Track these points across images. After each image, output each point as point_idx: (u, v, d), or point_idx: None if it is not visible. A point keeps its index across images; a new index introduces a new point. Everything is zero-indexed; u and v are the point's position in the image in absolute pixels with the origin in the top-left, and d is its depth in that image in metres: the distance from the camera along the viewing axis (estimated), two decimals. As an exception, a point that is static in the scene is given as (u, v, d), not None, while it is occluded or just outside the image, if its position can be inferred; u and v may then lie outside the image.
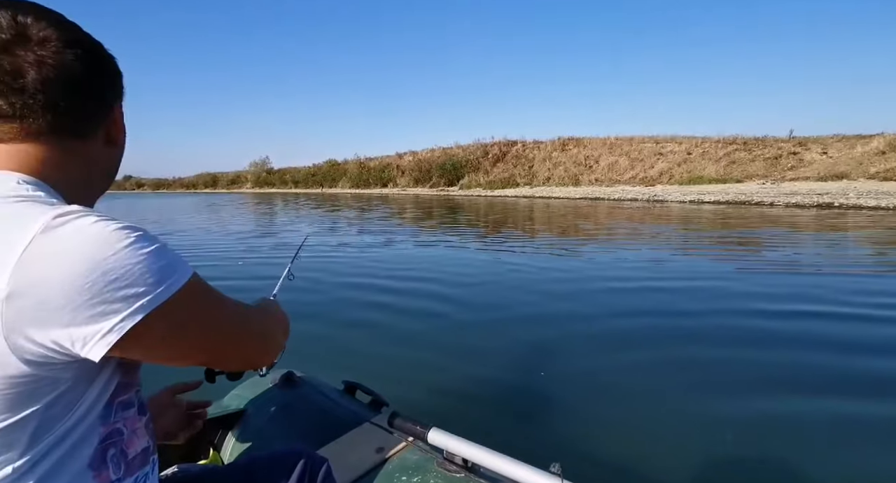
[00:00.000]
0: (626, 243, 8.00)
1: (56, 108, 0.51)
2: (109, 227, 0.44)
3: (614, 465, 1.69)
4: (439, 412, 2.09)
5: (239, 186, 72.32)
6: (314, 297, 4.48)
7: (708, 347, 2.89)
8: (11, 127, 0.50)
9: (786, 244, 7.40)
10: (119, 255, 0.43)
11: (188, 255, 6.28)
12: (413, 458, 1.02)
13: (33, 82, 0.49)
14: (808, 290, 4.33)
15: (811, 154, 27.00)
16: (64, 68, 0.50)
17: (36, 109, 0.50)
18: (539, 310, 3.87)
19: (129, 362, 0.53)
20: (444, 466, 0.97)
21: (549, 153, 39.59)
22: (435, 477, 0.95)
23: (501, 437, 1.52)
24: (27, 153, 0.51)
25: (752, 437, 1.90)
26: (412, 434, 1.05)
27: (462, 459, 0.96)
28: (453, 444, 0.96)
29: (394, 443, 1.06)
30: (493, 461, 0.89)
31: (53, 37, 0.50)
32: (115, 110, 0.59)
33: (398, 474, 0.97)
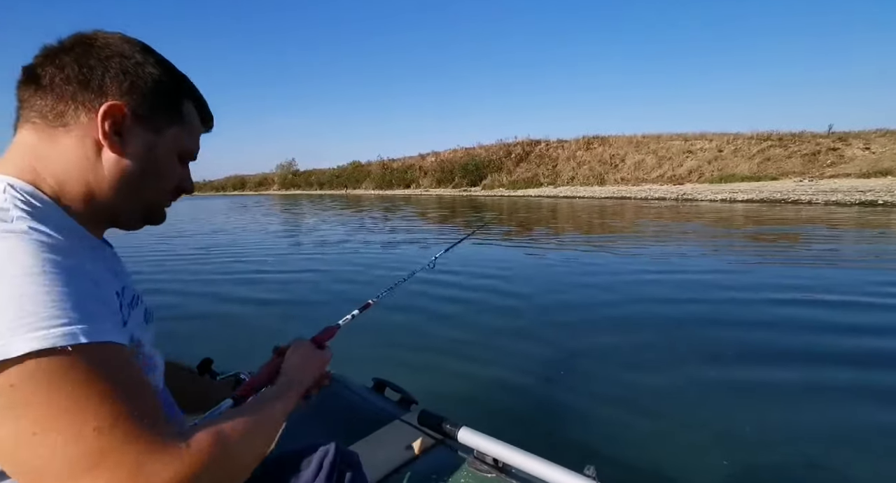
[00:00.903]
0: (661, 242, 7.79)
1: (41, 83, 0.54)
2: (14, 248, 0.41)
3: (649, 470, 1.64)
4: (467, 411, 2.06)
5: (266, 188, 74.18)
6: (340, 293, 4.55)
7: (752, 355, 2.76)
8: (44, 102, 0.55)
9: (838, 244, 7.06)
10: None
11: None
12: (443, 456, 1.01)
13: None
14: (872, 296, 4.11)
15: (852, 150, 25.70)
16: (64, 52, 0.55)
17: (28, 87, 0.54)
18: (571, 311, 3.80)
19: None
20: (474, 466, 0.96)
21: (573, 152, 39.03)
22: (466, 477, 0.94)
23: (530, 438, 1.49)
24: (23, 142, 0.55)
25: (798, 446, 1.81)
26: (442, 432, 1.05)
27: (493, 459, 0.94)
28: (484, 443, 0.95)
29: (424, 441, 1.05)
30: (525, 462, 0.88)
31: (104, 38, 0.56)
32: (103, 107, 0.54)
33: (428, 472, 0.97)
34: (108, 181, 0.57)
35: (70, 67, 0.54)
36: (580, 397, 2.26)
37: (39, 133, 0.55)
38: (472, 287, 4.63)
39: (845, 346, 2.84)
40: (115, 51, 0.56)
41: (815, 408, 2.10)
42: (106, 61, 0.55)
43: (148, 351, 0.62)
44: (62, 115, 0.54)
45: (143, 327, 0.63)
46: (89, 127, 0.55)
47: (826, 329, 3.15)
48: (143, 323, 0.64)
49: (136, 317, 0.62)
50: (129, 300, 0.60)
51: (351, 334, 3.46)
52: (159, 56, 0.60)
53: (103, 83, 0.55)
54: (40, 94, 0.54)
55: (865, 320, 3.36)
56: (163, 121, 0.59)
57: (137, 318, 0.62)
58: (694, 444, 1.83)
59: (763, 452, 1.76)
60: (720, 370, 2.52)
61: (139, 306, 0.66)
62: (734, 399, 2.21)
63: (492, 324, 3.42)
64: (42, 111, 0.54)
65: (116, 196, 0.58)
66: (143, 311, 0.67)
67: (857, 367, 2.51)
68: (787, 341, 2.94)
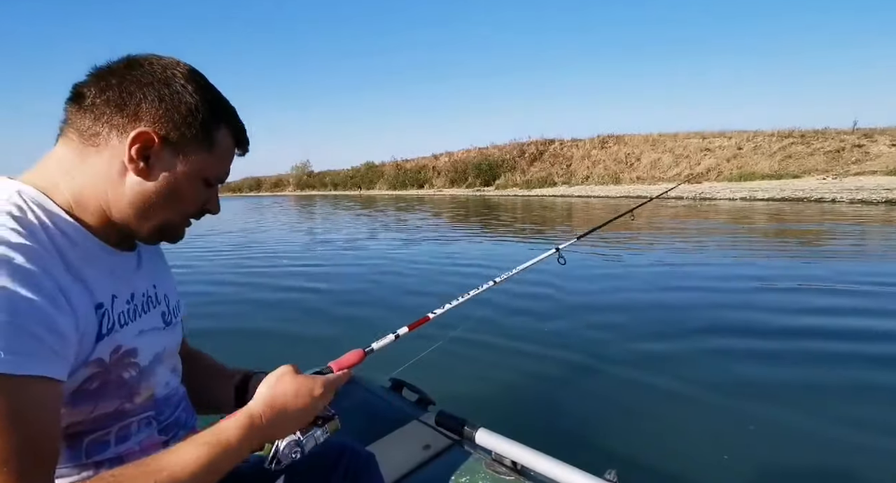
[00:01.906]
0: (687, 244, 7.66)
1: (83, 103, 0.56)
2: None
3: (671, 475, 1.60)
4: (485, 412, 2.03)
5: (281, 189, 75.09)
6: (360, 294, 4.58)
7: (774, 362, 2.68)
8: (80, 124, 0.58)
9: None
10: None
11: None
12: (461, 457, 1.01)
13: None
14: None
15: (878, 146, 24.87)
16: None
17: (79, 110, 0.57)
18: (590, 313, 3.75)
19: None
20: (492, 468, 0.95)
21: (587, 151, 38.61)
22: (483, 478, 0.94)
23: (550, 441, 1.48)
24: (55, 156, 0.59)
25: (823, 454, 1.76)
26: (460, 433, 1.04)
27: (511, 461, 0.94)
28: (502, 445, 0.94)
29: (441, 441, 1.05)
30: (543, 465, 0.87)
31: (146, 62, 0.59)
32: (134, 132, 0.56)
33: (445, 473, 0.97)
34: (126, 201, 0.58)
35: (111, 91, 0.56)
36: (602, 401, 2.22)
37: (72, 149, 0.58)
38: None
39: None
40: (157, 77, 0.57)
41: (860, 421, 2.01)
42: (145, 87, 0.57)
43: (146, 358, 0.61)
44: (96, 136, 0.57)
45: (150, 334, 0.63)
46: (119, 149, 0.57)
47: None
48: (154, 328, 0.64)
49: (142, 323, 0.62)
50: (133, 307, 0.61)
51: (365, 332, 3.46)
52: (204, 81, 0.61)
53: (139, 109, 0.57)
54: (81, 114, 0.57)
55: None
56: (192, 147, 0.60)
57: (143, 325, 0.62)
58: (720, 451, 1.78)
59: (796, 456, 1.72)
60: (749, 372, 2.45)
61: (153, 310, 0.66)
62: (766, 403, 2.15)
63: (510, 326, 3.40)
64: (80, 129, 0.57)
65: (133, 215, 0.60)
66: (159, 314, 0.67)
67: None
68: (827, 347, 2.85)
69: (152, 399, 0.63)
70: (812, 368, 2.53)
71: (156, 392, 0.64)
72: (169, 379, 0.68)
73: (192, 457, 0.50)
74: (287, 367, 0.64)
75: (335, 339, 3.19)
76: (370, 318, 3.68)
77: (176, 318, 0.72)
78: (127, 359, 0.58)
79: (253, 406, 0.59)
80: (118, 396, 0.58)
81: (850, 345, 2.81)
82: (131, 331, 0.59)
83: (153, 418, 0.64)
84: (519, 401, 2.23)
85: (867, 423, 1.93)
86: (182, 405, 0.71)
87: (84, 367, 0.53)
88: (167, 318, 0.69)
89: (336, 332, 3.39)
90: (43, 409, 0.45)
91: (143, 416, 0.62)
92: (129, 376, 0.59)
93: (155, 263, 0.72)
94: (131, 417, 0.61)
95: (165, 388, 0.66)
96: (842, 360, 2.63)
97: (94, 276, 0.55)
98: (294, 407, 0.60)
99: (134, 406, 0.60)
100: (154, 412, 0.64)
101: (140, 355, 0.60)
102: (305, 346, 3.12)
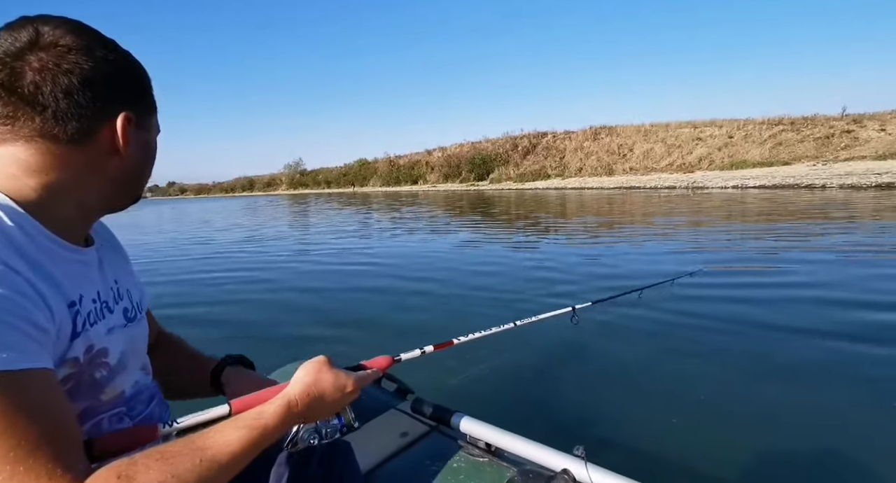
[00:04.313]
0: (655, 231, 7.72)
1: (46, 112, 0.51)
2: None
3: (637, 448, 1.69)
4: (464, 399, 2.10)
5: (274, 189, 74.83)
6: (342, 290, 4.59)
7: (732, 338, 2.78)
8: (4, 128, 0.51)
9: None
10: None
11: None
12: (437, 442, 1.02)
13: (29, 85, 0.50)
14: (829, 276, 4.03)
15: (867, 131, 25.09)
16: (63, 72, 0.51)
17: (28, 112, 0.50)
18: (561, 298, 3.77)
19: None
20: (467, 451, 0.96)
21: (580, 143, 38.70)
22: (458, 461, 0.94)
23: (525, 423, 1.52)
24: (13, 156, 0.52)
25: (784, 428, 1.85)
26: (436, 419, 1.05)
27: (485, 443, 0.95)
28: (476, 428, 0.95)
29: (418, 428, 1.06)
30: (516, 445, 0.88)
31: (62, 42, 0.51)
32: (119, 118, 0.55)
33: (422, 458, 0.97)
34: (110, 183, 0.58)
35: (59, 82, 0.51)
36: (572, 385, 2.29)
37: (36, 147, 0.52)
38: (467, 282, 4.62)
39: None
40: (99, 57, 0.54)
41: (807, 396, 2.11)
42: (98, 72, 0.53)
43: (114, 357, 0.60)
44: (63, 131, 0.52)
45: (117, 331, 0.62)
46: (98, 140, 0.55)
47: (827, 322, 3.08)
48: (117, 327, 0.63)
49: (110, 321, 0.61)
50: (100, 305, 0.60)
51: (348, 325, 3.44)
52: (116, 46, 0.58)
53: (106, 96, 0.54)
54: (38, 113, 0.51)
55: None
56: (148, 114, 0.61)
57: (109, 323, 0.61)
58: (680, 426, 1.87)
59: (752, 438, 1.78)
60: (715, 360, 2.52)
61: (116, 307, 0.64)
62: (726, 383, 2.24)
63: (487, 317, 3.41)
64: (42, 131, 0.52)
65: (115, 194, 0.60)
66: (121, 310, 0.66)
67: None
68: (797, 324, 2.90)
69: (121, 396, 0.62)
70: (755, 345, 2.64)
71: (125, 390, 0.63)
72: (138, 377, 0.67)
73: (234, 438, 0.51)
74: (323, 358, 0.66)
75: (361, 339, 3.15)
76: (397, 322, 3.54)
77: (140, 314, 0.71)
78: (99, 358, 0.57)
79: (291, 392, 0.60)
80: (88, 396, 0.57)
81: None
82: (101, 329, 0.58)
83: (125, 414, 0.63)
84: (495, 386, 2.29)
85: (805, 392, 2.08)
86: (155, 400, 0.71)
87: (61, 366, 0.52)
88: (130, 313, 0.68)
89: (361, 332, 3.32)
90: (53, 394, 0.46)
91: (113, 412, 0.61)
92: (101, 376, 0.58)
93: (114, 258, 0.71)
94: (101, 414, 0.60)
95: (135, 386, 0.66)
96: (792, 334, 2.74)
97: (62, 275, 0.53)
98: (328, 398, 0.63)
99: (101, 403, 0.59)
100: (125, 408, 0.63)
101: (110, 354, 0.59)
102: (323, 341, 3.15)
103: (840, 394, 2.07)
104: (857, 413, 1.92)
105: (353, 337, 3.18)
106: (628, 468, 0.75)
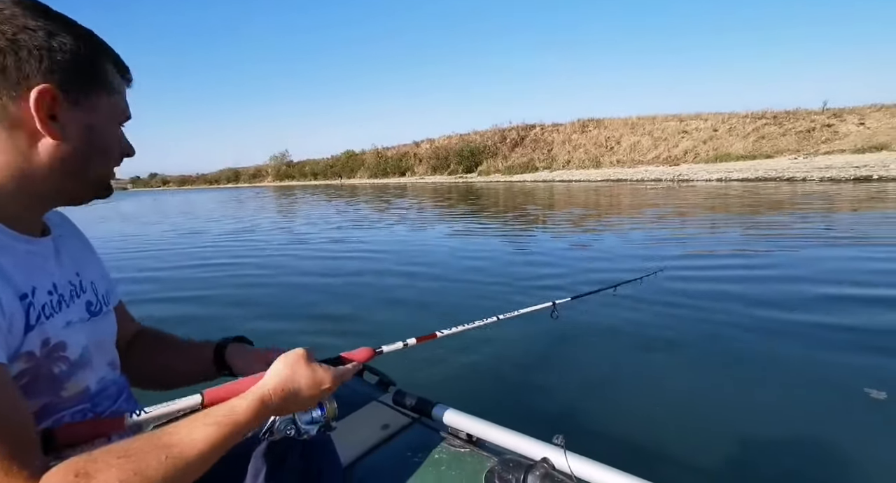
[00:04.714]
0: (639, 224, 7.81)
1: None
2: None
3: (614, 436, 1.73)
4: (446, 391, 2.10)
5: (260, 180, 73.75)
6: (326, 281, 4.55)
7: (704, 330, 2.84)
8: None
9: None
10: None
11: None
12: (418, 434, 1.01)
13: None
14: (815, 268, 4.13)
15: (847, 125, 25.66)
16: None
17: None
18: (540, 291, 3.79)
19: None
20: (449, 442, 0.96)
21: (568, 135, 38.86)
22: (439, 452, 0.94)
23: (506, 414, 1.52)
24: None
25: (756, 413, 1.90)
26: (418, 411, 1.05)
27: (466, 434, 0.95)
28: (457, 419, 0.95)
29: (400, 420, 1.06)
30: (496, 435, 0.88)
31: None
32: (33, 93, 0.50)
33: (404, 450, 0.97)
34: (48, 169, 0.53)
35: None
36: (552, 376, 2.32)
37: None
38: (450, 275, 4.63)
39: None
40: (17, 25, 0.50)
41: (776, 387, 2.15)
42: (14, 41, 0.49)
43: (75, 351, 0.58)
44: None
45: (77, 325, 0.59)
46: (18, 117, 0.51)
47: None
48: (79, 321, 0.60)
49: (68, 314, 0.58)
50: (56, 298, 0.57)
51: (328, 318, 3.41)
52: (58, 14, 0.54)
53: (21, 67, 0.49)
54: None
55: None
56: (93, 93, 0.55)
57: (69, 316, 0.58)
58: (658, 414, 1.92)
59: (727, 426, 1.83)
60: (691, 349, 2.57)
61: (78, 300, 0.62)
62: (699, 371, 2.30)
63: (468, 309, 3.41)
64: None
65: (61, 181, 0.55)
66: (83, 304, 0.63)
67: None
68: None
69: (86, 393, 0.60)
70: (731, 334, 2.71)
71: (90, 386, 0.61)
72: (105, 373, 0.64)
73: (202, 435, 0.49)
74: (301, 351, 0.64)
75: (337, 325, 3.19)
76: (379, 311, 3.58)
77: (106, 307, 0.68)
78: (57, 352, 0.55)
79: (265, 386, 0.59)
80: (48, 392, 0.54)
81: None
82: (58, 323, 0.55)
83: (89, 411, 0.61)
84: (478, 379, 2.30)
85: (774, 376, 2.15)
86: (123, 396, 0.68)
87: (16, 361, 0.49)
88: (94, 307, 0.65)
89: (339, 322, 3.34)
90: (5, 390, 0.44)
91: (76, 408, 0.59)
92: (60, 371, 0.55)
93: (77, 250, 0.68)
94: (63, 411, 0.57)
95: (100, 382, 0.63)
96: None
97: (12, 267, 0.51)
98: (303, 394, 0.61)
99: (62, 400, 0.56)
100: (89, 405, 0.60)
101: (69, 349, 0.57)
102: (311, 331, 3.14)
103: (809, 381, 2.13)
104: (825, 398, 1.98)
105: (334, 328, 3.17)
106: (606, 455, 0.76)
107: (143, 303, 3.94)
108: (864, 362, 2.25)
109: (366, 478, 0.92)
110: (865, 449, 1.63)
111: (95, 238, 0.84)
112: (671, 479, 0.60)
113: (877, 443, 1.67)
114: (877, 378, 2.04)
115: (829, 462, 1.60)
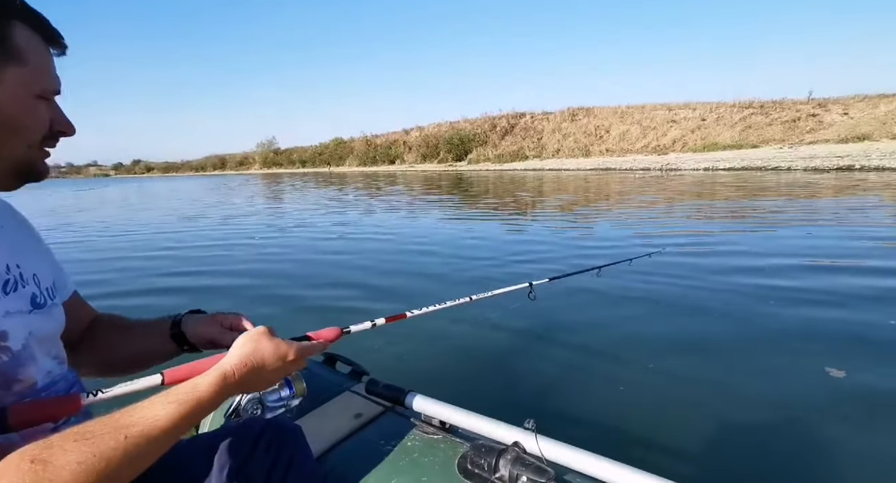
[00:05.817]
0: (607, 212, 7.86)
1: None
2: None
3: (586, 419, 1.75)
4: (420, 378, 2.12)
5: (247, 168, 72.66)
6: (305, 265, 4.51)
7: (681, 313, 2.87)
8: None
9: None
10: None
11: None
12: (392, 422, 1.00)
13: None
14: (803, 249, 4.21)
15: (831, 115, 26.02)
16: None
17: None
18: (514, 280, 3.78)
19: None
20: (421, 429, 0.95)
21: (558, 124, 38.81)
22: (412, 439, 0.93)
23: (479, 399, 1.53)
24: None
25: (729, 394, 1.93)
26: (390, 400, 1.03)
27: (439, 421, 0.94)
28: (430, 406, 0.94)
29: (372, 409, 1.04)
30: (468, 421, 0.88)
31: None
32: None
33: (377, 439, 0.96)
34: None
35: None
36: (524, 363, 2.33)
37: None
38: (426, 262, 4.62)
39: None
40: None
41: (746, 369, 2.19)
42: None
43: (16, 342, 0.55)
44: None
45: (17, 316, 0.56)
46: None
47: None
48: (18, 312, 0.57)
49: (7, 304, 0.55)
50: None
51: (301, 309, 3.35)
52: None
53: None
54: None
55: None
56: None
57: (6, 306, 0.55)
58: (627, 398, 1.93)
59: (699, 411, 1.85)
60: (656, 327, 2.62)
61: (19, 291, 0.58)
62: (672, 354, 2.31)
63: (440, 296, 3.38)
64: None
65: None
66: (28, 296, 0.60)
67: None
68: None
69: (33, 387, 0.57)
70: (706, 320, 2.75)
71: (37, 380, 0.58)
72: (51, 368, 0.62)
73: (164, 412, 0.48)
74: (263, 328, 0.63)
75: (305, 311, 3.17)
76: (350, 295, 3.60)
77: (52, 301, 0.65)
78: (1, 343, 0.53)
79: (227, 362, 0.57)
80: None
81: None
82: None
83: None
84: (452, 364, 2.30)
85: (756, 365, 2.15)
86: (73, 391, 0.66)
87: None
88: (38, 299, 0.62)
89: (304, 305, 3.34)
90: None
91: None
92: (2, 362, 0.53)
93: (15, 240, 0.64)
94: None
95: (47, 376, 0.61)
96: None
97: None
98: (268, 368, 0.60)
99: (10, 393, 0.54)
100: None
101: (10, 339, 0.54)
102: (282, 313, 3.13)
103: (782, 360, 2.17)
104: (799, 376, 2.02)
105: (304, 310, 3.16)
106: (577, 438, 0.76)
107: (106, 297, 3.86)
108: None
109: (338, 467, 0.91)
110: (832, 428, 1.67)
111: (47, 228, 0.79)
112: (640, 459, 0.61)
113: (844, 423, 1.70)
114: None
115: (798, 442, 1.63)
